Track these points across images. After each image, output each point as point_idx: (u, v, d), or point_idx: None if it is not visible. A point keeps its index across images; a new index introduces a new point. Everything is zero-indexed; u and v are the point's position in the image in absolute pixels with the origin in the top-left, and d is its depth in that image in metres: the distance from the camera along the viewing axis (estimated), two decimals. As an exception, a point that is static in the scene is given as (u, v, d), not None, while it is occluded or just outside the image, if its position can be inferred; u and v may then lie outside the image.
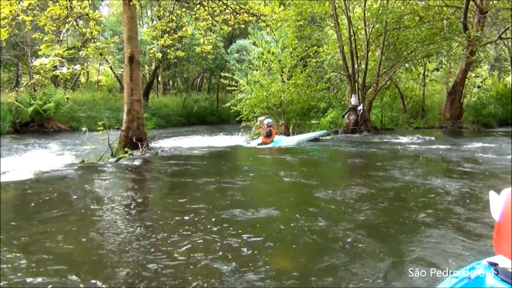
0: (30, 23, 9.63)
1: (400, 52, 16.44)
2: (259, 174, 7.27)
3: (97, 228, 3.72)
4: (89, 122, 15.34)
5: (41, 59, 7.49)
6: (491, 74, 26.73)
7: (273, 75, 14.37)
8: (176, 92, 30.10)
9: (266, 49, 14.53)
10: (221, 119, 26.73)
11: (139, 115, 9.68)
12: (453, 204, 4.49)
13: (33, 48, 21.41)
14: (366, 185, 5.56)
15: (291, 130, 13.91)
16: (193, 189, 5.74)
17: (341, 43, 15.30)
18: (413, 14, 15.56)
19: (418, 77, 22.17)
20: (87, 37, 10.21)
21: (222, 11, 11.22)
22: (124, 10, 9.81)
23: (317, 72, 17.08)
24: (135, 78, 9.65)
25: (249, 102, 13.76)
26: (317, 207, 4.43)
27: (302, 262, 2.96)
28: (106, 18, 27.54)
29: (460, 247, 3.20)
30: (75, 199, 5.01)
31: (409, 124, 19.08)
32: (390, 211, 4.24)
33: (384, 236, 3.46)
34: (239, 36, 26.27)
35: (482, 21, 15.24)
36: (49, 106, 17.42)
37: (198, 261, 2.91)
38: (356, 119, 15.01)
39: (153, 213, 4.40)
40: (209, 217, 4.06)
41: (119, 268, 2.82)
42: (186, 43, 21.89)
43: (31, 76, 19.76)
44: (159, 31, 12.00)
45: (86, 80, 30.50)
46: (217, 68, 25.83)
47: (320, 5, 15.77)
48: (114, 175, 6.75)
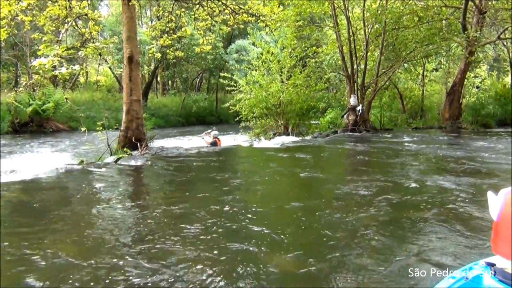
0: (29, 23, 9.63)
1: (399, 52, 16.45)
2: (258, 173, 7.27)
3: (95, 228, 3.71)
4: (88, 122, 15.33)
5: (40, 59, 7.50)
6: (490, 74, 26.79)
7: (272, 75, 14.37)
8: (175, 92, 30.09)
9: (265, 49, 14.54)
10: (220, 119, 26.73)
11: (138, 115, 9.68)
12: (453, 204, 4.50)
13: (32, 48, 21.39)
14: (364, 185, 5.57)
15: (290, 130, 13.91)
16: (192, 188, 5.74)
17: (340, 43, 15.31)
18: (412, 14, 15.56)
19: (417, 77, 22.19)
20: (86, 37, 10.21)
21: (221, 11, 11.22)
22: (123, 10, 9.81)
23: (316, 72, 17.07)
24: (134, 78, 9.65)
25: (248, 102, 13.76)
26: (316, 207, 4.43)
27: (302, 262, 2.96)
28: (105, 18, 27.50)
29: (460, 246, 3.21)
30: (74, 199, 5.01)
31: (408, 124, 19.09)
32: (390, 211, 4.24)
33: (384, 235, 3.46)
34: (238, 36, 26.27)
35: (481, 22, 15.25)
36: (48, 106, 17.41)
37: (198, 260, 2.91)
38: (355, 119, 15.02)
39: (152, 213, 4.40)
40: (209, 216, 4.06)
41: (117, 268, 2.82)
42: (185, 43, 21.90)
43: (30, 76, 19.78)
44: (158, 31, 12.02)
45: (85, 80, 30.49)
46: (216, 68, 25.84)
47: (319, 5, 15.76)
48: (113, 175, 6.75)
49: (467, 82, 19.91)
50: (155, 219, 4.13)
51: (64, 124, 18.42)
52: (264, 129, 14.20)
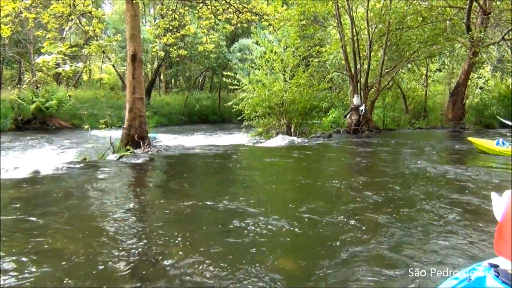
0: (33, 21, 9.64)
1: (403, 52, 16.42)
2: (260, 172, 7.27)
3: (97, 226, 3.72)
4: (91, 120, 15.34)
5: (44, 57, 7.49)
6: (493, 75, 26.67)
7: (275, 75, 14.34)
8: (178, 90, 30.11)
9: (268, 48, 14.51)
10: (223, 118, 26.75)
11: (141, 113, 9.69)
12: (454, 204, 4.48)
13: (36, 46, 21.42)
14: (366, 186, 5.56)
15: (293, 130, 13.89)
16: (193, 187, 5.75)
17: (344, 43, 15.28)
18: (416, 14, 15.52)
19: (420, 77, 22.16)
20: (90, 35, 10.21)
21: (225, 10, 11.21)
22: (127, 8, 9.82)
23: (320, 72, 17.03)
24: (138, 76, 9.66)
25: (251, 101, 13.73)
26: (317, 207, 4.43)
27: (302, 262, 2.96)
28: (109, 16, 27.54)
29: (462, 247, 3.20)
30: (77, 197, 5.02)
31: (411, 124, 19.07)
32: (390, 211, 4.23)
33: (384, 235, 3.45)
34: (241, 35, 26.25)
35: (485, 22, 15.19)
36: (51, 103, 17.47)
37: (199, 260, 2.91)
38: (358, 119, 15.00)
39: (154, 212, 4.41)
40: (211, 216, 4.06)
41: (118, 267, 2.83)
42: (189, 42, 21.91)
43: (33, 73, 19.82)
44: (162, 29, 12.01)
45: (88, 78, 30.57)
46: (219, 67, 25.84)
47: (323, 5, 15.73)
48: (115, 173, 6.76)
49: (470, 83, 19.85)
50: (156, 217, 4.14)
51: (67, 122, 18.48)
52: (267, 129, 14.18)
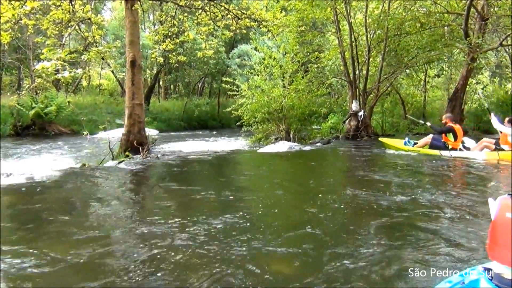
0: (33, 27, 9.70)
1: (401, 58, 16.46)
2: (259, 178, 7.27)
3: (96, 232, 3.72)
4: (90, 126, 15.38)
5: (43, 63, 7.53)
6: (492, 81, 26.75)
7: (274, 80, 14.38)
8: (178, 96, 30.15)
9: (267, 54, 14.56)
10: (222, 123, 26.76)
11: (140, 119, 9.71)
12: (455, 205, 4.48)
13: (35, 52, 21.51)
14: (364, 191, 5.56)
15: (292, 136, 13.91)
16: (193, 192, 5.74)
17: (342, 48, 15.34)
18: (414, 20, 15.58)
19: (419, 83, 22.19)
20: (89, 41, 10.27)
21: (224, 16, 11.28)
22: (126, 15, 9.88)
23: (318, 78, 17.07)
24: (137, 82, 9.70)
25: (250, 107, 13.76)
26: (316, 211, 4.42)
27: (302, 262, 2.95)
28: (108, 23, 27.67)
29: (461, 247, 3.19)
30: (76, 203, 5.02)
31: (410, 130, 19.07)
32: (390, 214, 4.23)
33: (384, 236, 3.46)
34: (240, 41, 26.35)
35: (483, 28, 15.25)
36: (50, 109, 17.49)
37: (196, 264, 2.91)
38: (357, 125, 15.02)
39: (153, 217, 4.40)
40: (209, 221, 4.06)
41: (118, 271, 2.82)
42: (188, 48, 22.00)
43: (33, 79, 19.87)
44: (161, 35, 12.08)
45: (87, 84, 30.64)
46: (218, 73, 25.89)
47: (322, 11, 15.80)
48: (114, 179, 6.76)
49: (469, 88, 19.88)
50: (155, 222, 4.13)
51: (66, 128, 18.47)
52: (266, 134, 14.19)
